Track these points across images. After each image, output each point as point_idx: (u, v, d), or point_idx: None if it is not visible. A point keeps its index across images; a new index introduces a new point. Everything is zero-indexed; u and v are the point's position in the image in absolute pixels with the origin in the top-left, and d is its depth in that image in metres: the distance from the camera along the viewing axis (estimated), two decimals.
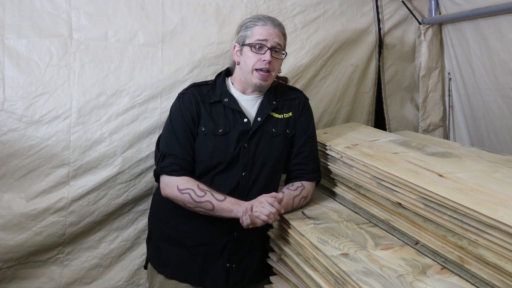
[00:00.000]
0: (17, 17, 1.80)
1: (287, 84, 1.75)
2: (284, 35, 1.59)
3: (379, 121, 2.40)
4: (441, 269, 1.13)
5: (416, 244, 1.26)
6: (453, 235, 1.13)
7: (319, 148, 1.81)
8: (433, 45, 2.34)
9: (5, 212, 1.78)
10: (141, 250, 1.94)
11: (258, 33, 1.54)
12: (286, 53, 1.62)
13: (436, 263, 1.16)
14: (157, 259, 1.63)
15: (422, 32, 2.33)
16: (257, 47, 1.53)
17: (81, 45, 1.85)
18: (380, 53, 2.31)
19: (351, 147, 1.67)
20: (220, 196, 1.46)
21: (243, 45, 1.56)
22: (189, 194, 1.46)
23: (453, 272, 1.11)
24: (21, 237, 1.80)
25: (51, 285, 1.88)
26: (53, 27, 1.83)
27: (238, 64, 1.60)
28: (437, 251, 1.18)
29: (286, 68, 2.10)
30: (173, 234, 1.58)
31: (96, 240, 1.92)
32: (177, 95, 1.64)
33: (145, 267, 1.72)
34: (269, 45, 1.53)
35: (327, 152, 1.76)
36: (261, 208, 1.39)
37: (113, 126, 1.85)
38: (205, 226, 1.52)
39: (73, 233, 1.86)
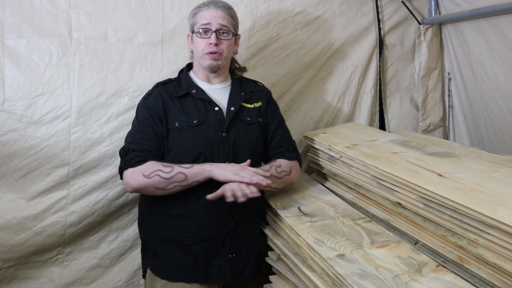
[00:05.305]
0: (16, 17, 1.80)
1: (245, 71, 1.78)
2: (231, 16, 1.60)
3: (379, 121, 2.40)
4: (437, 266, 1.13)
5: (415, 244, 1.26)
6: (452, 235, 1.13)
7: (319, 147, 1.82)
8: (433, 45, 2.34)
9: (5, 211, 1.78)
10: None
11: (202, 18, 1.57)
12: (238, 34, 1.66)
13: (431, 260, 1.16)
14: (158, 264, 1.58)
15: (422, 32, 2.33)
16: (202, 32, 1.56)
17: (81, 45, 1.85)
18: (380, 53, 2.31)
19: (350, 147, 1.67)
20: (187, 165, 1.46)
21: (192, 32, 1.61)
22: (158, 174, 1.43)
23: (449, 269, 1.12)
24: (21, 236, 1.79)
25: (50, 285, 1.87)
26: (53, 27, 1.83)
27: (192, 52, 1.64)
28: (436, 250, 1.18)
29: (286, 68, 2.10)
30: (170, 236, 1.55)
31: (95, 240, 1.92)
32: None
33: (143, 276, 1.67)
34: (213, 28, 1.55)
35: (327, 152, 1.76)
36: (248, 176, 1.43)
37: (113, 126, 1.85)
38: (201, 222, 1.52)
39: (73, 234, 1.86)
